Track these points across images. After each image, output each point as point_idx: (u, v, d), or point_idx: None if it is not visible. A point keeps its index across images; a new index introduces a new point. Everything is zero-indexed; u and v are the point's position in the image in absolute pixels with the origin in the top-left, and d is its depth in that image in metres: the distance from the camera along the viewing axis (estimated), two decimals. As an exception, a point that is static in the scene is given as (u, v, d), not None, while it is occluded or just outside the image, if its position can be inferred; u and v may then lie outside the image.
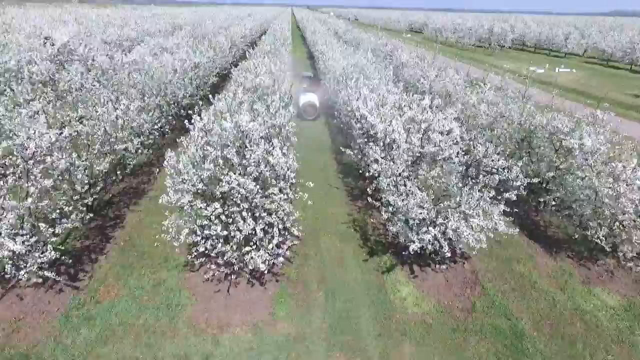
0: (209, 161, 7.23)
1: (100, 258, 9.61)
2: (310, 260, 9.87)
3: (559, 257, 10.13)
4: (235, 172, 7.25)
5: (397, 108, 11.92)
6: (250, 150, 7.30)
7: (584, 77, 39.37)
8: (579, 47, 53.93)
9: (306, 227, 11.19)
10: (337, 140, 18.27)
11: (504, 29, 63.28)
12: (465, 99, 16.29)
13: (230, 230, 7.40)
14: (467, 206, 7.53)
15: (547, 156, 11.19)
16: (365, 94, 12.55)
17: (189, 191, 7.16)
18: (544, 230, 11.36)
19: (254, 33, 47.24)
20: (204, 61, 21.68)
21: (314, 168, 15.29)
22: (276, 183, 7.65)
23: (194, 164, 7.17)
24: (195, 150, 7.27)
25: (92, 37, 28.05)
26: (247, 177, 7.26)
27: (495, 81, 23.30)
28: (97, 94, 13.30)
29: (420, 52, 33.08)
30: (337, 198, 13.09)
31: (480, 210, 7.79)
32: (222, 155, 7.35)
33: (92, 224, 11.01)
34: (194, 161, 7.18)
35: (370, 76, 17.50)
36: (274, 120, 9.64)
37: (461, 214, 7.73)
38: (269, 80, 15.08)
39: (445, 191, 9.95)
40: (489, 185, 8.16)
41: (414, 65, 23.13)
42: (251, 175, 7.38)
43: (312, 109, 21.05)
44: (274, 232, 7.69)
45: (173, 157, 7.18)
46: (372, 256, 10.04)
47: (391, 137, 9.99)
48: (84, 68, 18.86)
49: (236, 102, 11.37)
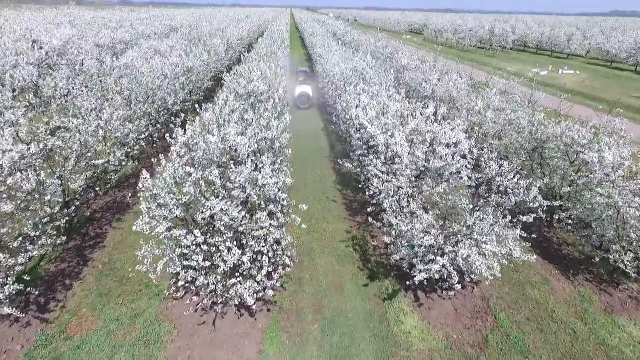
0: (189, 184, 6.39)
1: (75, 284, 8.77)
2: (306, 285, 9.03)
3: (577, 280, 9.29)
4: (219, 196, 6.41)
5: (399, 117, 11.12)
6: (236, 172, 6.46)
7: (588, 78, 38.54)
8: (581, 48, 53.14)
9: (301, 247, 10.39)
10: (336, 148, 17.45)
11: (505, 30, 62.53)
12: (471, 105, 15.48)
13: (214, 260, 6.56)
14: (480, 231, 6.70)
15: (561, 169, 10.36)
16: (365, 102, 11.73)
17: (165, 218, 6.32)
18: (558, 249, 10.52)
19: (251, 35, 46.45)
20: (198, 65, 20.86)
21: (311, 179, 14.47)
22: (265, 207, 6.82)
23: (171, 187, 6.34)
24: (173, 172, 6.43)
25: (84, 40, 27.23)
26: (233, 201, 6.42)
27: (499, 85, 22.56)
28: (80, 102, 12.52)
29: (421, 55, 32.31)
30: (335, 212, 12.25)
31: (494, 235, 6.96)
32: (205, 177, 6.51)
33: (70, 244, 10.19)
34: (172, 184, 6.34)
35: (370, 81, 16.69)
36: (265, 133, 8.81)
37: (473, 240, 6.89)
38: (263, 86, 14.27)
39: (453, 209, 9.16)
40: (502, 206, 7.33)
41: (416, 69, 22.33)
42: (237, 200, 6.54)
43: (306, 99, 23.47)
44: (263, 262, 6.85)
45: (148, 180, 6.34)
46: (372, 280, 9.21)
47: (393, 149, 9.15)
48: (72, 73, 18.11)
49: (226, 111, 10.57)
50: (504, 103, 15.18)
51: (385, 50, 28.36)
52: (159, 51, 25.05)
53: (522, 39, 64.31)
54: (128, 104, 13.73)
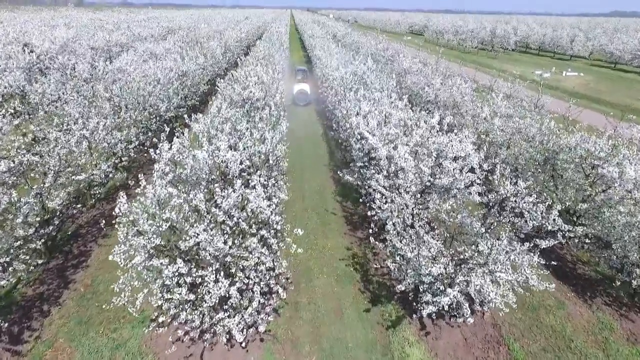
0: (169, 209, 5.74)
1: (53, 310, 8.11)
2: (302, 310, 8.36)
3: (595, 304, 8.62)
4: (204, 221, 5.76)
5: (402, 126, 10.47)
6: (222, 195, 5.80)
7: (593, 81, 37.88)
8: (584, 49, 52.46)
9: (298, 266, 9.72)
10: (336, 156, 16.79)
11: (506, 31, 61.89)
12: (476, 111, 14.82)
13: (199, 293, 5.91)
14: (493, 260, 6.04)
15: (576, 182, 9.70)
16: (366, 109, 11.08)
17: (144, 247, 5.66)
18: (573, 268, 9.85)
19: (250, 37, 45.84)
20: (193, 69, 20.24)
21: (309, 189, 13.81)
22: (256, 232, 6.16)
23: (152, 211, 5.69)
24: (153, 196, 5.78)
25: (78, 42, 26.62)
26: (219, 227, 5.77)
27: (504, 88, 21.90)
28: (67, 110, 11.90)
29: (422, 57, 31.67)
30: (335, 226, 11.59)
31: (509, 262, 6.30)
32: (188, 200, 5.86)
33: (52, 264, 9.54)
34: (152, 208, 5.69)
35: (371, 86, 16.05)
36: (259, 147, 8.16)
37: (486, 269, 6.23)
38: (259, 92, 13.61)
39: (462, 227, 8.52)
40: (517, 229, 6.67)
41: (417, 72, 21.68)
42: (223, 225, 5.88)
43: (303, 95, 24.35)
44: (253, 293, 6.19)
45: (125, 204, 5.69)
46: (374, 304, 8.54)
47: (396, 163, 8.49)
48: (63, 77, 17.49)
49: (217, 121, 9.93)
50: (510, 109, 14.54)
51: (386, 52, 27.71)
52: (155, 54, 24.44)
53: (523, 40, 63.70)
54: (117, 111, 13.10)
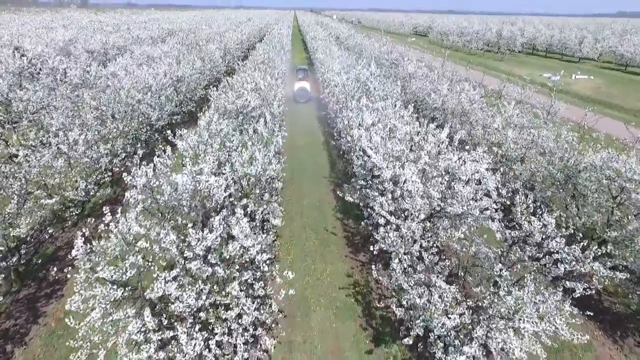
0: (133, 254, 4.85)
1: (17, 351, 7.26)
2: (297, 351, 7.46)
3: (626, 345, 7.66)
4: (177, 268, 4.86)
5: (408, 140, 9.53)
6: (196, 238, 4.90)
7: (604, 84, 36.73)
8: (593, 51, 51.13)
9: (294, 295, 8.81)
10: (337, 166, 15.85)
11: (513, 32, 60.75)
12: (487, 120, 13.84)
13: (170, 351, 5.01)
14: (519, 315, 5.10)
15: (602, 205, 8.72)
16: (369, 122, 10.16)
17: (105, 296, 4.78)
18: (598, 300, 8.88)
19: (251, 39, 45.00)
20: (189, 74, 19.38)
21: (308, 204, 12.87)
22: (239, 276, 5.25)
23: (112, 255, 4.80)
24: (116, 239, 4.89)
25: (73, 45, 25.87)
26: (191, 277, 4.87)
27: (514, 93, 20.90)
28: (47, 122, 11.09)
29: (427, 60, 30.68)
30: (335, 248, 10.67)
31: (536, 313, 5.36)
32: (159, 239, 4.97)
33: (22, 293, 8.70)
34: (114, 252, 4.80)
35: (374, 93, 15.12)
36: (248, 169, 7.25)
37: (509, 321, 5.29)
38: (255, 100, 12.74)
39: (475, 257, 7.59)
40: (544, 271, 5.73)
41: (423, 77, 20.70)
42: (199, 271, 4.98)
43: (304, 92, 25.38)
44: (235, 347, 5.29)
45: (81, 247, 4.80)
46: (378, 344, 7.62)
47: (402, 187, 7.56)
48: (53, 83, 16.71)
49: (206, 136, 9.05)
50: (523, 118, 13.54)
51: (390, 55, 26.75)
52: (152, 57, 23.66)
53: (530, 41, 62.43)
54: (104, 121, 12.25)
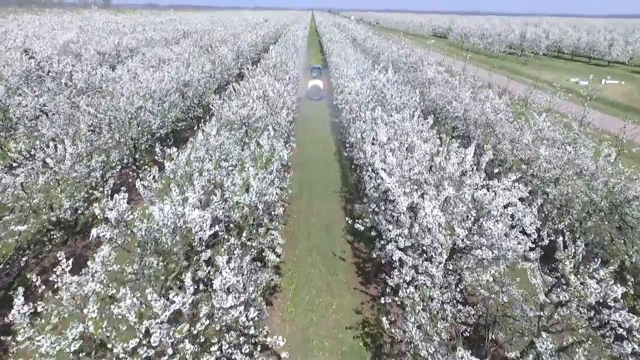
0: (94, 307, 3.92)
1: (-19, 397, 6.47)
2: (294, 409, 6.45)
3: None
4: (153, 323, 3.92)
5: (428, 160, 8.40)
6: (177, 292, 3.96)
7: (636, 90, 34.59)
8: (624, 54, 48.50)
9: (294, 335, 7.82)
10: (349, 180, 14.78)
11: (537, 34, 58.36)
12: (515, 134, 12.54)
13: None
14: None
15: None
16: (384, 139, 9.06)
17: None
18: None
19: (266, 40, 44.30)
20: (197, 77, 18.62)
21: (316, 224, 11.85)
22: (217, 341, 4.27)
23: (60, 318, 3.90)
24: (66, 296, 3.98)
25: (84, 47, 25.53)
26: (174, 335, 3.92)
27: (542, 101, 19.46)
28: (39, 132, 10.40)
29: (447, 63, 29.30)
30: (343, 277, 9.62)
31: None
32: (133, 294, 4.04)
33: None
34: (62, 315, 3.90)
35: (390, 101, 13.98)
36: (240, 197, 6.27)
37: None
38: (261, 110, 11.79)
39: (505, 306, 6.49)
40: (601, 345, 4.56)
41: (443, 83, 19.40)
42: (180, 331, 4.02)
43: (317, 90, 26.51)
44: None
45: (21, 306, 3.91)
46: (389, 404, 6.55)
47: (421, 221, 6.45)
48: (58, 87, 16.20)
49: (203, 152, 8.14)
50: (556, 132, 12.17)
51: (408, 59, 25.47)
52: (163, 59, 23.08)
53: (556, 44, 59.90)
54: (99, 131, 11.52)
